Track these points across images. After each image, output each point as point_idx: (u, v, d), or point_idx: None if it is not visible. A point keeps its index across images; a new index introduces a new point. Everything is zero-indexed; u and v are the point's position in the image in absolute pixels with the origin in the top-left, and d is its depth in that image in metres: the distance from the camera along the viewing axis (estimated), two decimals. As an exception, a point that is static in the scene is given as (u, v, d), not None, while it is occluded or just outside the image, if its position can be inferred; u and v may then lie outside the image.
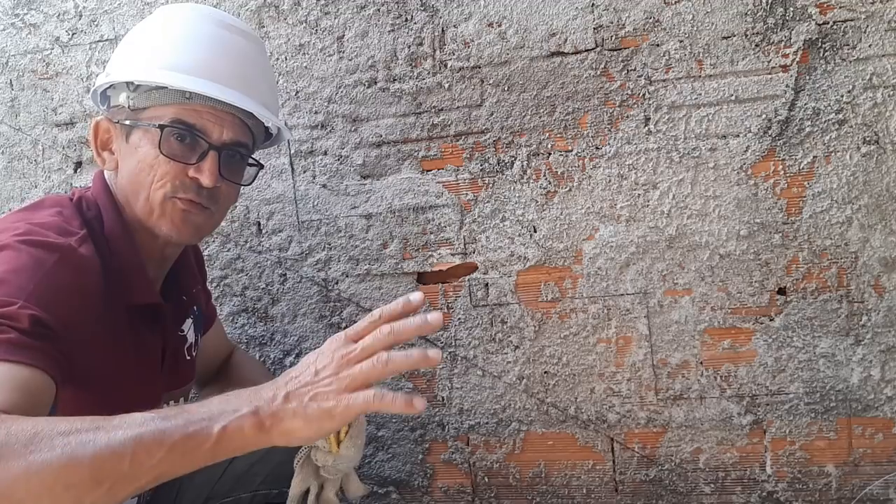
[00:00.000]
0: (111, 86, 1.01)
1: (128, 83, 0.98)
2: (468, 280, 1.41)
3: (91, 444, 0.64)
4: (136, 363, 0.98)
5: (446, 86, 1.40)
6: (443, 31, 1.40)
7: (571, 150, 1.35)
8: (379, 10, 1.43)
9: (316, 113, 1.46)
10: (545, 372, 1.39)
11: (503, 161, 1.39)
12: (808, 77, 1.26)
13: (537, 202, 1.37)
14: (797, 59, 1.25)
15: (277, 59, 1.48)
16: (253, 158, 1.06)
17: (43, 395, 0.75)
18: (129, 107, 0.97)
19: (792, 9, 1.25)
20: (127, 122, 0.98)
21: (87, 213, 0.97)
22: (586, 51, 1.34)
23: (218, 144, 0.97)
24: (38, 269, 0.82)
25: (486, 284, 1.40)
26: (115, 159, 1.00)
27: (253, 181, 1.11)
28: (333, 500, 1.04)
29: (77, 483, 0.64)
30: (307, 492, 1.03)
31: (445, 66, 1.40)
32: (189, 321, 1.15)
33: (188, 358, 1.14)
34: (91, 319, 0.87)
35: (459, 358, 1.42)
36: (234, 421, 0.69)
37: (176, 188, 0.96)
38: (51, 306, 0.80)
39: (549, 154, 1.36)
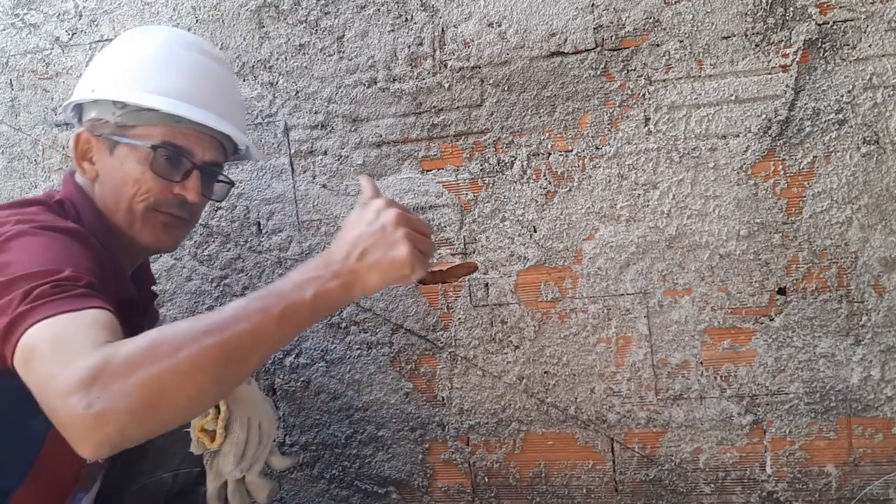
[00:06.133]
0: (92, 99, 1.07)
1: (114, 101, 1.04)
2: (468, 280, 1.41)
3: (216, 334, 0.74)
4: None
5: (446, 86, 1.40)
6: (443, 31, 1.40)
7: (571, 150, 1.35)
8: (379, 10, 1.43)
9: (316, 113, 1.46)
10: (545, 372, 1.39)
11: (503, 161, 1.38)
12: (808, 77, 1.26)
13: (537, 202, 1.37)
14: (797, 59, 1.25)
15: (277, 59, 1.48)
16: (223, 175, 1.17)
17: (122, 333, 0.81)
18: (115, 123, 1.04)
19: (792, 9, 1.25)
20: (113, 138, 1.04)
21: (69, 213, 1.02)
22: (586, 51, 1.34)
23: (200, 164, 1.08)
24: (66, 248, 0.88)
25: (486, 284, 1.40)
26: (96, 169, 1.07)
27: (224, 199, 1.25)
28: (255, 482, 1.07)
29: (212, 368, 0.73)
30: (225, 485, 1.07)
31: (445, 66, 1.40)
32: (148, 317, 1.22)
33: None
34: (108, 294, 0.92)
35: (459, 358, 1.42)
36: (321, 286, 0.81)
37: (159, 202, 1.06)
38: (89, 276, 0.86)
39: (549, 154, 1.36)
